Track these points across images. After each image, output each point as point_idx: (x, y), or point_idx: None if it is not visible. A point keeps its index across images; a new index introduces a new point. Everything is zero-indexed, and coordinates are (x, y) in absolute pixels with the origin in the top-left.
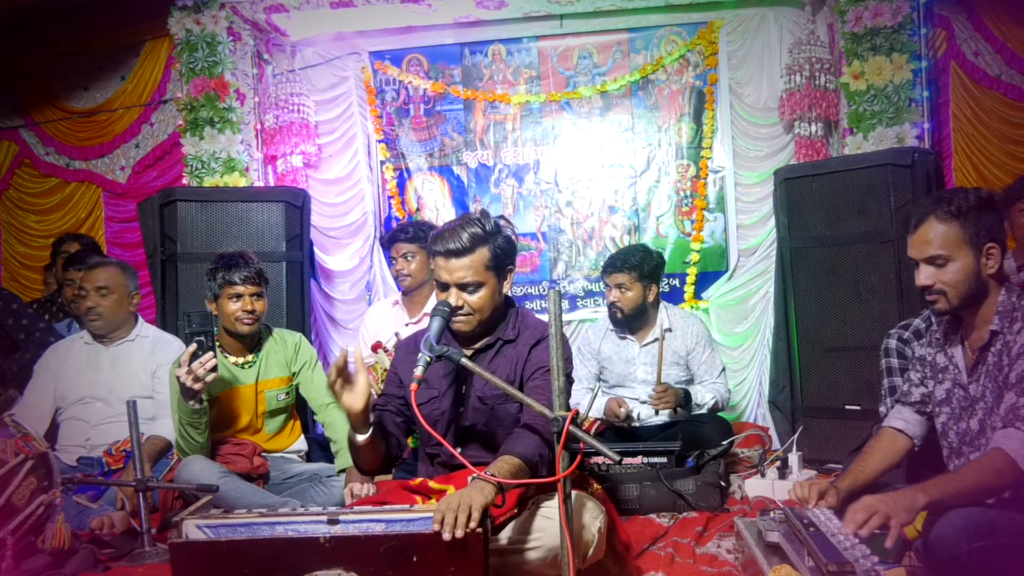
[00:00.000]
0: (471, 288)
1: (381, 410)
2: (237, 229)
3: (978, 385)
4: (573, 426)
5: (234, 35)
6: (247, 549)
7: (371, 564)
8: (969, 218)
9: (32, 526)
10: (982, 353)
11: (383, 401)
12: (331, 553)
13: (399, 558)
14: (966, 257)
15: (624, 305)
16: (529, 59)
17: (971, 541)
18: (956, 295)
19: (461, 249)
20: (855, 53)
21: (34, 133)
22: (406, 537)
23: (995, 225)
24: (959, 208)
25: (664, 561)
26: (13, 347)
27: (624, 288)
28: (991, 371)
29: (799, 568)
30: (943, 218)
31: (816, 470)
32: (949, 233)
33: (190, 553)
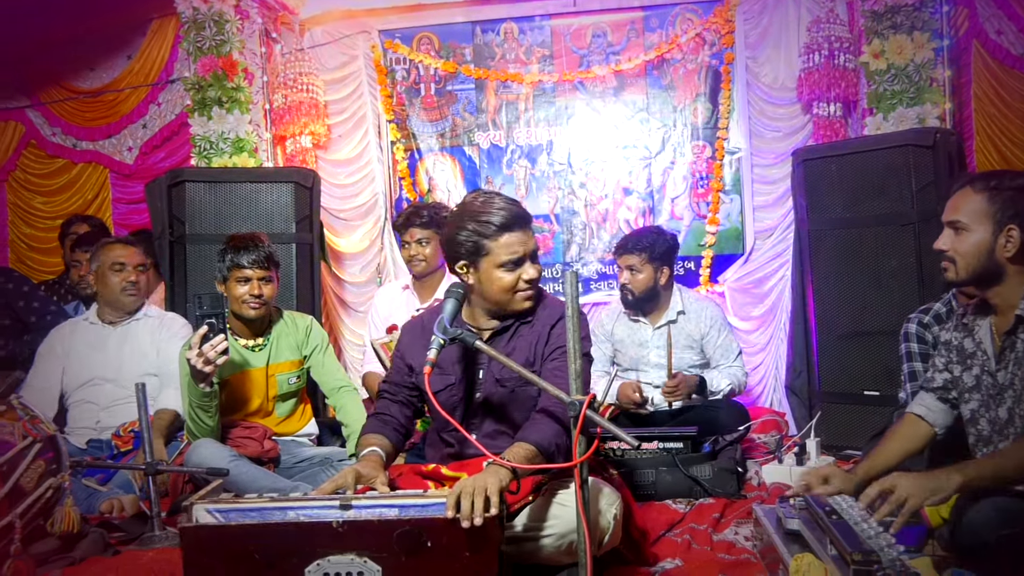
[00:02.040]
0: (536, 257)
1: (390, 400)
2: (246, 210)
3: (1006, 372)
4: (590, 411)
5: (242, 13)
6: (258, 533)
7: (384, 549)
8: (999, 196)
9: (41, 509)
10: (1008, 338)
11: (391, 391)
12: (344, 538)
13: (413, 543)
14: (984, 231)
15: (634, 287)
16: (542, 38)
17: (1000, 527)
18: (965, 267)
19: (527, 218)
20: (875, 31)
21: (40, 114)
22: (420, 522)
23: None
24: (995, 185)
25: (681, 548)
26: (24, 330)
27: (635, 270)
28: (1019, 357)
29: (821, 557)
30: (976, 189)
31: (834, 456)
32: (975, 203)
33: (201, 537)
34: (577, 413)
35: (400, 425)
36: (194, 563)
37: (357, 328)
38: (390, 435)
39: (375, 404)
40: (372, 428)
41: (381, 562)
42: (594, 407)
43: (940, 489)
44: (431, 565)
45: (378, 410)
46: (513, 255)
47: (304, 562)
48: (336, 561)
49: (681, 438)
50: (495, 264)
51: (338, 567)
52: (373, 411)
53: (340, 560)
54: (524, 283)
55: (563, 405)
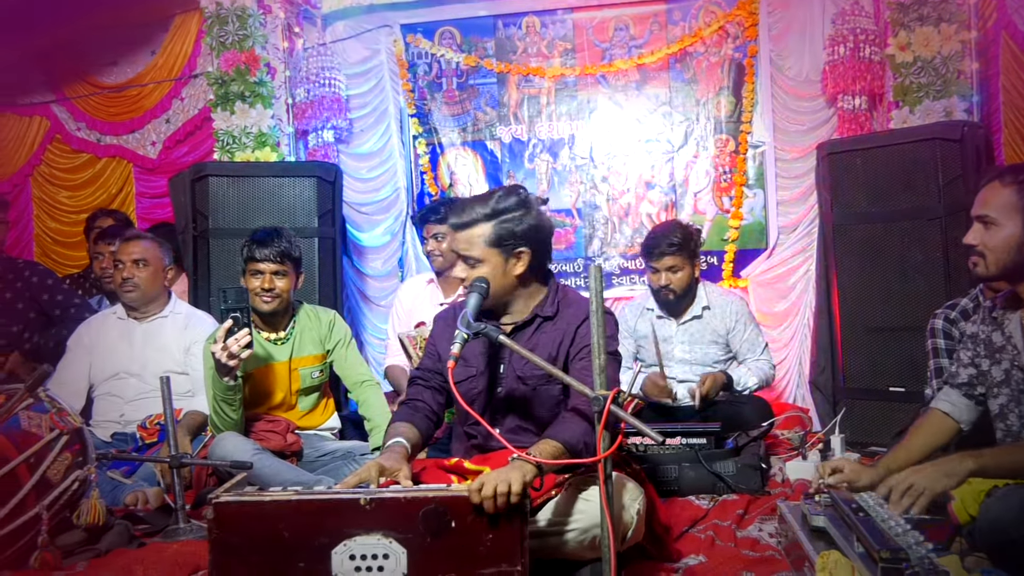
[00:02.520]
0: (471, 262)
1: (423, 386)
2: (269, 205)
3: None
4: (614, 406)
5: (264, 8)
6: (289, 510)
7: (410, 530)
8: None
9: (67, 501)
10: None
11: (425, 377)
12: (371, 516)
13: (438, 523)
14: (1014, 225)
15: (677, 286)
16: (564, 31)
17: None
18: (995, 261)
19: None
20: (901, 23)
21: (65, 108)
22: (445, 500)
23: None
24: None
25: (704, 544)
26: (49, 323)
27: (675, 269)
28: None
29: (848, 554)
30: (1006, 182)
31: (859, 453)
32: (1005, 197)
33: (232, 512)
34: (601, 408)
35: (432, 412)
36: (222, 541)
37: (379, 322)
38: (420, 423)
39: (406, 391)
40: (402, 416)
41: (406, 544)
42: (618, 402)
43: (953, 473)
44: (455, 546)
45: (410, 396)
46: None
47: (331, 543)
48: (362, 542)
49: (704, 434)
50: None
51: (364, 549)
52: (403, 399)
53: (367, 541)
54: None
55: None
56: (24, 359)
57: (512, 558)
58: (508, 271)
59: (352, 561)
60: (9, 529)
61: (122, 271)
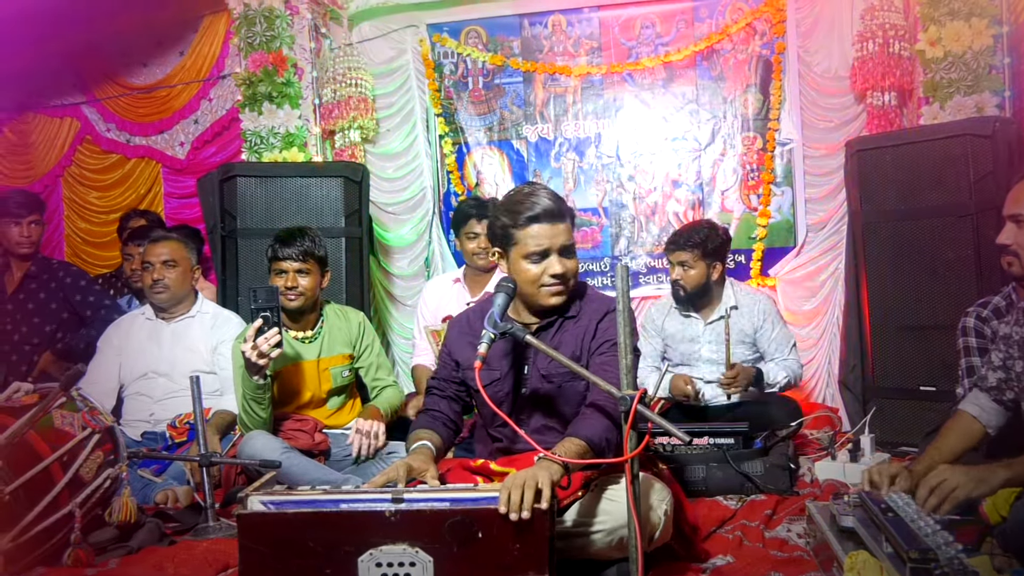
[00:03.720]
0: (569, 252)
1: (439, 396)
2: (296, 204)
3: None
4: (641, 406)
5: (291, 9)
6: (313, 522)
7: (436, 540)
8: None
9: (99, 499)
10: None
11: (440, 387)
12: (396, 528)
13: (464, 534)
14: None
15: (686, 283)
16: (590, 29)
17: None
18: None
19: (561, 212)
20: (932, 18)
21: (95, 110)
22: (471, 512)
23: None
24: None
25: (732, 545)
26: (80, 323)
27: (687, 266)
28: None
29: (877, 554)
30: None
31: (889, 453)
32: None
33: (257, 523)
34: (628, 408)
35: (449, 420)
36: (249, 550)
37: (405, 321)
38: (440, 430)
39: (424, 400)
40: (422, 424)
41: (432, 552)
42: (645, 402)
43: (985, 481)
44: (482, 556)
45: (427, 406)
46: (538, 247)
47: (357, 552)
48: (388, 551)
49: (732, 433)
50: (521, 254)
51: (390, 557)
52: (423, 407)
53: (392, 550)
54: (549, 277)
55: (613, 400)
56: (56, 359)
57: (540, 566)
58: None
59: (379, 569)
60: (43, 526)
61: (151, 272)
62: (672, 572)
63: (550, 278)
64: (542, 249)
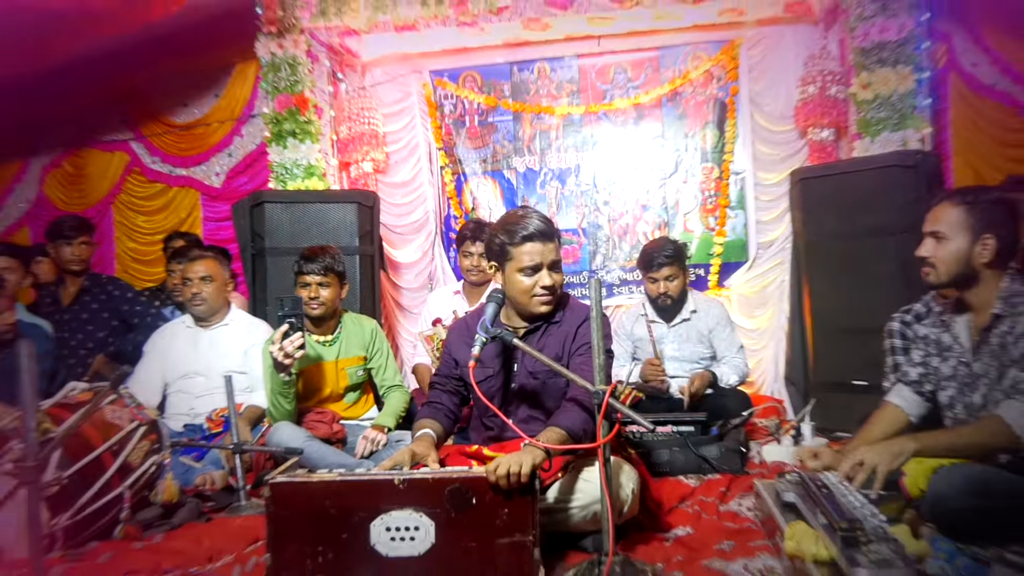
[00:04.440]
0: (557, 267)
1: (441, 390)
2: (317, 227)
3: (981, 363)
4: (612, 398)
5: (312, 57)
6: (332, 491)
7: (437, 505)
8: (976, 209)
9: (146, 482)
10: (985, 334)
11: (442, 382)
12: (403, 496)
13: (461, 500)
14: (962, 240)
15: (674, 292)
16: (570, 75)
17: (970, 498)
18: (945, 271)
19: (551, 233)
20: (863, 66)
21: (142, 144)
22: (467, 480)
23: (999, 222)
24: (971, 199)
25: (692, 518)
26: (128, 330)
27: (672, 278)
28: (994, 350)
29: (813, 525)
30: (954, 202)
31: (827, 438)
32: (953, 216)
33: (285, 492)
34: (601, 400)
35: (450, 411)
36: (278, 517)
37: (411, 327)
38: (441, 420)
39: (428, 393)
40: (426, 414)
41: (434, 517)
42: (616, 395)
43: (900, 453)
44: (476, 519)
45: (430, 399)
46: (531, 262)
47: (370, 517)
48: (396, 516)
49: (692, 422)
50: (516, 268)
51: (398, 521)
52: (426, 400)
53: (400, 515)
54: (541, 289)
55: (589, 394)
56: (107, 361)
57: (524, 529)
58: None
59: (388, 532)
60: (97, 506)
61: (191, 287)
62: (639, 542)
63: (541, 289)
64: (534, 264)
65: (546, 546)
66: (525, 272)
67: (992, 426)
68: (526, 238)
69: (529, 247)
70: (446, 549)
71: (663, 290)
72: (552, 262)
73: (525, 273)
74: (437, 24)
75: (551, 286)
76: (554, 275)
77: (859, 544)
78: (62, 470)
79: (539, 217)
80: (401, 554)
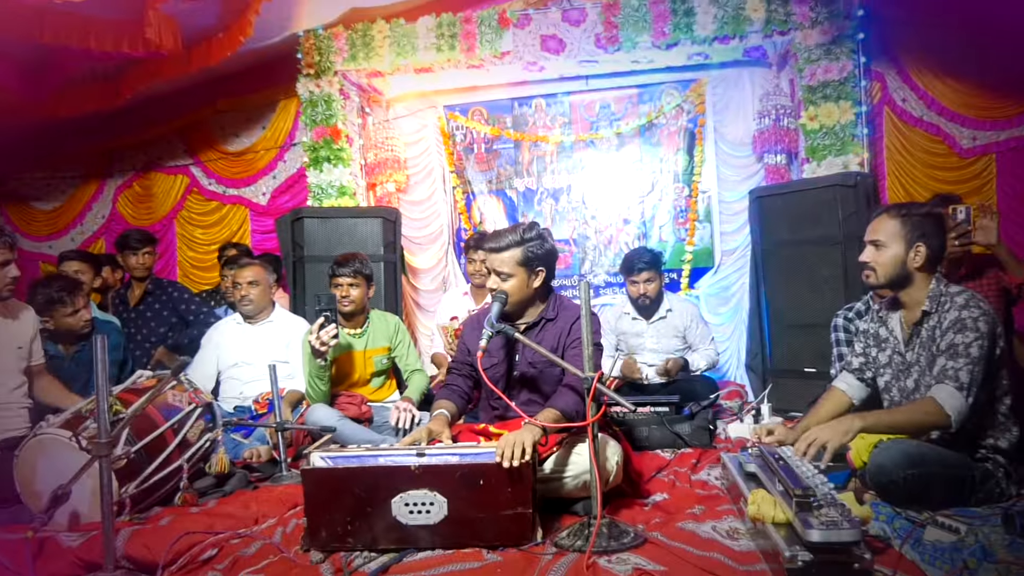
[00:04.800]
0: (504, 276)
1: (457, 374)
2: (348, 238)
3: (913, 353)
4: (599, 384)
5: (344, 94)
6: (358, 474)
7: (449, 486)
8: (909, 221)
9: (201, 456)
10: (915, 328)
11: (457, 367)
12: (420, 478)
13: (470, 481)
14: (897, 247)
15: (652, 294)
16: (562, 109)
17: (906, 468)
18: (883, 274)
19: (498, 248)
20: (811, 101)
21: (200, 169)
22: (475, 466)
23: (929, 232)
24: (906, 213)
25: (667, 486)
26: (186, 326)
27: (650, 281)
28: (924, 342)
29: (771, 492)
30: (892, 215)
31: (782, 417)
32: (891, 226)
33: (316, 476)
34: (589, 386)
35: (464, 393)
36: (312, 495)
37: (428, 323)
38: (456, 400)
39: (445, 378)
40: (443, 396)
41: (446, 495)
42: (603, 381)
43: (848, 430)
44: (483, 497)
45: (448, 382)
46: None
47: (391, 495)
48: (414, 494)
49: (667, 404)
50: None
51: (415, 498)
52: (444, 382)
53: (417, 493)
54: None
55: (580, 380)
56: (168, 352)
57: (526, 503)
58: (529, 284)
59: (407, 507)
60: (159, 477)
61: (240, 290)
62: (623, 506)
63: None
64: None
65: (543, 510)
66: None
67: (926, 407)
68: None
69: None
70: (457, 519)
71: (643, 291)
72: (495, 270)
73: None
74: (450, 67)
75: (492, 289)
76: (498, 281)
77: (811, 508)
78: (130, 445)
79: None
80: (419, 523)
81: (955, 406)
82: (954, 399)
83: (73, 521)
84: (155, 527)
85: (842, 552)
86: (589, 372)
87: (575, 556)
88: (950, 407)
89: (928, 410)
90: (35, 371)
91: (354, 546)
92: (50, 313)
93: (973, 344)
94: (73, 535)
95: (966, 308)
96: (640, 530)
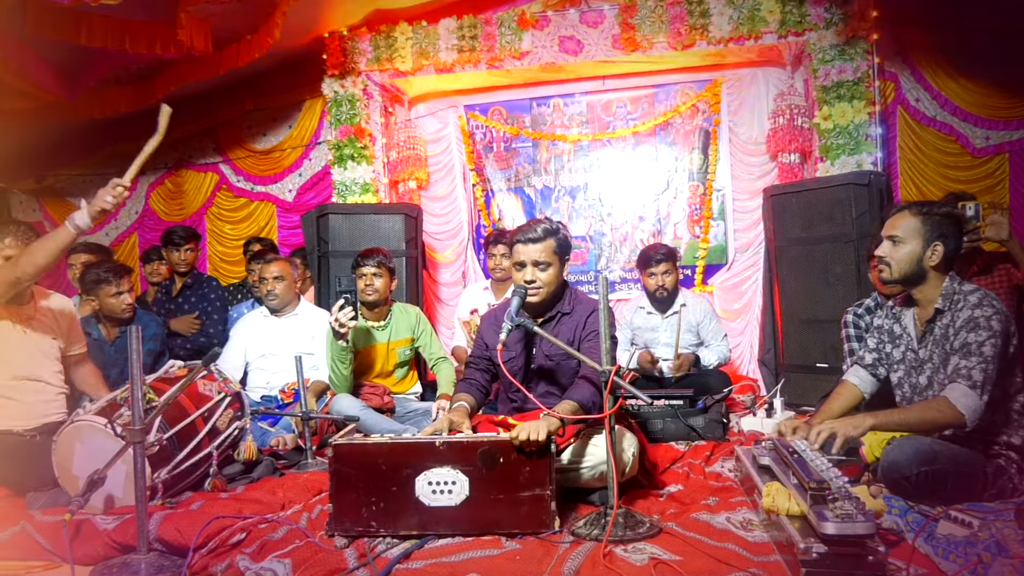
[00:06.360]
0: (542, 266)
1: (475, 368)
2: (371, 234)
3: (926, 350)
4: (616, 377)
5: (368, 94)
6: (384, 451)
7: (471, 464)
8: (929, 220)
9: (230, 443)
10: (928, 325)
11: (476, 362)
12: (443, 455)
13: (491, 459)
14: (915, 244)
15: (669, 285)
16: (580, 109)
17: (919, 466)
18: (898, 269)
19: (534, 237)
20: (825, 101)
21: (229, 166)
22: (495, 443)
23: (948, 233)
24: (926, 211)
25: (682, 477)
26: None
27: (668, 273)
28: (937, 340)
29: (786, 485)
30: (912, 212)
31: (794, 411)
32: (911, 223)
33: (345, 452)
34: (607, 379)
35: (482, 386)
36: (339, 472)
37: (448, 316)
38: (474, 393)
39: (464, 371)
40: (462, 389)
41: (468, 474)
42: (619, 375)
43: (859, 426)
44: (503, 475)
45: (466, 376)
46: (516, 260)
47: (415, 473)
48: (437, 472)
49: (682, 397)
50: (512, 264)
51: (439, 476)
52: (462, 376)
53: (440, 471)
54: (524, 282)
55: (596, 373)
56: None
57: (543, 484)
58: (561, 273)
59: (430, 486)
60: (190, 463)
61: (266, 285)
62: (638, 497)
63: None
64: (518, 261)
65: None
66: (516, 268)
67: (939, 405)
68: (515, 241)
69: (516, 248)
70: (478, 500)
71: (660, 283)
72: (535, 261)
73: (516, 268)
74: (470, 67)
75: (532, 281)
76: (535, 272)
77: (826, 501)
78: (162, 432)
79: (531, 224)
80: (441, 504)
81: (969, 405)
82: (968, 398)
83: (108, 504)
84: (186, 511)
85: (856, 545)
86: (606, 365)
87: (592, 545)
88: (964, 406)
89: (941, 409)
90: (76, 360)
91: (377, 531)
92: (96, 292)
93: (986, 343)
94: (108, 518)
95: (979, 307)
96: (655, 520)
